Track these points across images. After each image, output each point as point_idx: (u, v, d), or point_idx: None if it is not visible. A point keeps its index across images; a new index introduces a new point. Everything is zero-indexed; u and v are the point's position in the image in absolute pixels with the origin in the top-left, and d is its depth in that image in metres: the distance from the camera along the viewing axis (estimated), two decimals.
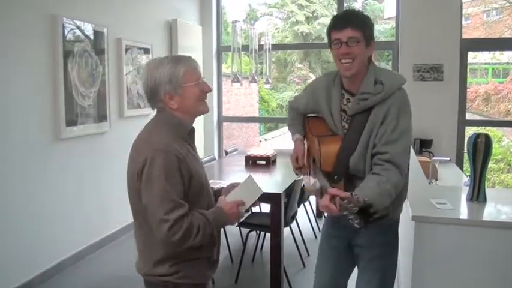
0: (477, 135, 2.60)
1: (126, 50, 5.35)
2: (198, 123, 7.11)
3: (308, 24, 15.35)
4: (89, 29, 4.64)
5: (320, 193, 2.17)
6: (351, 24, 2.07)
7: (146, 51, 5.80)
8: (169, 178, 1.80)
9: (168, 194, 1.79)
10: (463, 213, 2.58)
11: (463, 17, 6.40)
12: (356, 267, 2.45)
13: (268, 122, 15.13)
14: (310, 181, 2.37)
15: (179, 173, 1.83)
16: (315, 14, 15.22)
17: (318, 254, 2.57)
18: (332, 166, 2.14)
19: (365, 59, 2.13)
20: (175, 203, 1.80)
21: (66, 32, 4.30)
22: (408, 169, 2.19)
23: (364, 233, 2.18)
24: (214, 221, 1.90)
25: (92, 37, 4.69)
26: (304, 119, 2.47)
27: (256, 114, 13.50)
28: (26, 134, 3.93)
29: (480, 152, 2.58)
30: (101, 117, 4.86)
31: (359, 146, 2.11)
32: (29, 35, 3.94)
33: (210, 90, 2.01)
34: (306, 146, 2.41)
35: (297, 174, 2.53)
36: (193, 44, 6.97)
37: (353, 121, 2.16)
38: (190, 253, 1.92)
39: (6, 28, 3.70)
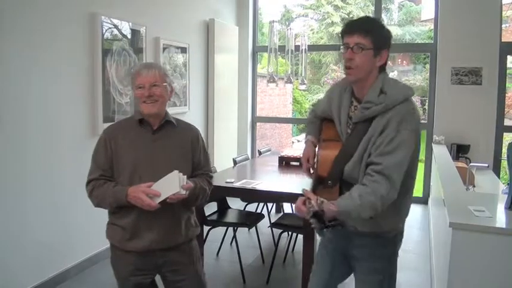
0: None
1: (164, 49, 5.42)
2: (232, 122, 7.18)
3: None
4: (126, 28, 4.72)
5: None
6: (361, 30, 2.04)
7: (183, 50, 5.87)
8: (96, 151, 2.38)
9: (93, 162, 2.38)
10: (501, 221, 2.52)
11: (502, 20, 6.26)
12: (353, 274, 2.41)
13: (301, 123, 15.01)
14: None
15: (104, 150, 2.34)
16: (350, 16, 15.06)
17: (315, 259, 2.58)
18: (327, 171, 2.13)
19: (371, 67, 2.08)
20: (93, 169, 2.37)
21: (104, 31, 4.38)
22: (413, 185, 2.20)
23: (361, 245, 2.24)
24: (113, 193, 2.26)
25: (129, 36, 4.76)
26: (321, 122, 2.46)
27: (290, 115, 13.46)
28: (64, 129, 4.02)
29: None
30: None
31: (356, 154, 2.07)
32: (68, 32, 4.01)
33: (143, 96, 2.32)
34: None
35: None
36: (229, 44, 7.03)
37: (355, 129, 2.13)
38: (110, 217, 2.43)
39: (47, 26, 3.78)
